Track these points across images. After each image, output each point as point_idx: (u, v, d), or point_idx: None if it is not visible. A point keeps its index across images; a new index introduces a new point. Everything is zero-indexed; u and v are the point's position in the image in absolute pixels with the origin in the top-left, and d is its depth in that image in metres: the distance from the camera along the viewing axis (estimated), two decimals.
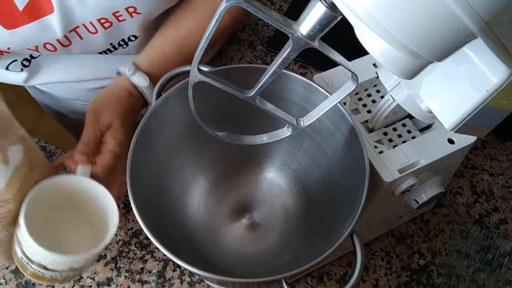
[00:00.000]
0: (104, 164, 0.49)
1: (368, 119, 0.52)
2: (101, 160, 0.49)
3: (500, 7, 0.25)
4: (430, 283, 0.60)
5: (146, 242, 0.62)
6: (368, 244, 0.63)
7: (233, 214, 0.58)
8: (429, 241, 0.63)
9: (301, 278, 0.60)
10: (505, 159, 0.70)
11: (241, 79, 0.43)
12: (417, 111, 0.47)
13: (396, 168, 0.47)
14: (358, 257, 0.43)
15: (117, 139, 0.51)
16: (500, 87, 0.33)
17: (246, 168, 0.60)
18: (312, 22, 0.32)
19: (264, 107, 0.41)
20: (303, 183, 0.58)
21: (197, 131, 0.46)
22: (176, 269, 0.61)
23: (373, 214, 0.53)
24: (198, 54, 0.37)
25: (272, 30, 0.82)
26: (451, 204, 0.66)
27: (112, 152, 0.50)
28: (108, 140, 0.50)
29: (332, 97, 0.41)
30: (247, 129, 0.47)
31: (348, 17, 0.30)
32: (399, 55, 0.29)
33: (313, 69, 0.78)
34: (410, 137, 0.51)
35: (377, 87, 0.55)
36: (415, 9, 0.26)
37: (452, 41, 0.27)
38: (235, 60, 0.79)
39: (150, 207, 0.46)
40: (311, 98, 0.51)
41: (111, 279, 0.60)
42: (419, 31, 0.27)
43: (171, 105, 0.50)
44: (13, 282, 0.59)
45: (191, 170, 0.57)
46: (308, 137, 0.54)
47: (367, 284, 0.60)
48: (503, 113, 0.40)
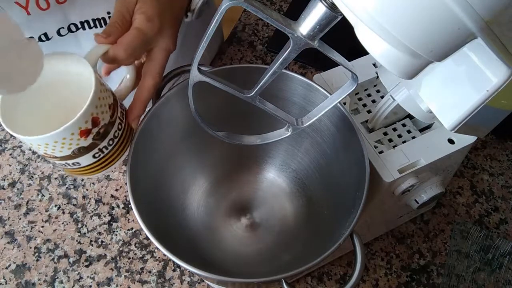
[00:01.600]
0: (125, 42, 0.40)
1: (368, 119, 0.52)
2: (123, 38, 0.41)
3: (500, 7, 0.25)
4: (430, 283, 0.60)
5: (146, 242, 0.62)
6: (368, 244, 0.63)
7: (233, 214, 0.58)
8: (429, 241, 0.63)
9: (301, 278, 0.60)
10: (505, 159, 0.70)
11: (241, 79, 0.43)
12: (417, 111, 0.47)
13: (396, 168, 0.47)
14: (358, 257, 0.43)
15: (145, 13, 0.42)
16: (500, 87, 0.33)
17: (246, 168, 0.60)
18: (312, 22, 0.32)
19: (264, 107, 0.41)
20: (303, 183, 0.58)
21: (197, 131, 0.46)
22: (176, 269, 0.61)
23: (373, 214, 0.53)
24: (198, 54, 0.37)
25: (272, 30, 0.82)
26: (451, 204, 0.66)
27: (137, 29, 0.41)
28: (136, 17, 0.42)
29: (332, 97, 0.41)
30: (247, 129, 0.47)
31: (348, 17, 0.30)
32: (399, 55, 0.29)
33: (313, 69, 0.78)
34: (410, 137, 0.51)
35: (377, 87, 0.55)
36: (415, 9, 0.26)
37: (452, 41, 0.27)
38: (235, 60, 0.79)
39: (150, 207, 0.46)
40: (311, 98, 0.51)
41: (111, 279, 0.60)
42: (419, 31, 0.27)
43: (171, 106, 0.50)
44: (13, 282, 0.59)
45: (191, 170, 0.57)
46: (308, 137, 0.54)
47: (367, 284, 0.60)
48: (503, 113, 0.40)
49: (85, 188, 0.67)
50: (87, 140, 0.40)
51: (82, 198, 0.66)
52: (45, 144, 0.38)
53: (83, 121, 0.38)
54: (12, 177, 0.68)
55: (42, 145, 0.38)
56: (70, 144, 0.39)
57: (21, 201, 0.65)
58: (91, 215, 0.64)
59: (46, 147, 0.38)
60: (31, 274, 0.60)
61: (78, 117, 0.37)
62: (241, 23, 0.83)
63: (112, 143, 0.42)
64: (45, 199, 0.66)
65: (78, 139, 0.39)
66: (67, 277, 0.60)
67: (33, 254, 0.61)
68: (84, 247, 0.62)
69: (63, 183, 0.67)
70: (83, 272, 0.60)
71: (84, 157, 0.41)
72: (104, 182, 0.67)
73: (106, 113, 0.40)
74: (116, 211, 0.65)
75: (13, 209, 0.65)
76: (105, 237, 0.63)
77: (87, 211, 0.65)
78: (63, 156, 0.40)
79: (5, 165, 0.69)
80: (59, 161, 0.41)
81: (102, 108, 0.40)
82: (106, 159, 0.43)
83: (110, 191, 0.66)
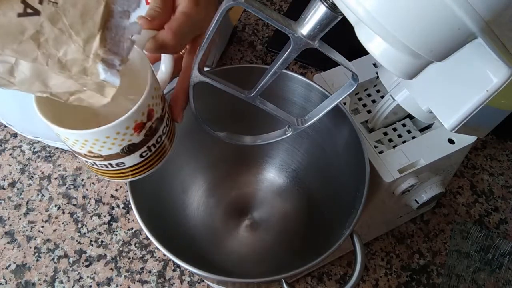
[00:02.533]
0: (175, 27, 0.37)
1: (368, 119, 0.52)
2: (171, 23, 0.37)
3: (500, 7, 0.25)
4: (430, 283, 0.60)
5: (146, 242, 0.62)
6: (368, 244, 0.63)
7: (233, 214, 0.58)
8: (429, 241, 0.63)
9: (301, 278, 0.60)
10: (505, 159, 0.70)
11: (241, 79, 0.43)
12: (417, 111, 0.47)
13: (396, 168, 0.47)
14: (358, 257, 0.43)
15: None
16: (500, 87, 0.33)
17: (246, 168, 0.60)
18: (312, 22, 0.32)
19: (264, 107, 0.41)
20: (303, 183, 0.58)
21: (197, 131, 0.46)
22: (176, 269, 0.61)
23: (373, 214, 0.53)
24: (198, 54, 0.37)
25: (272, 30, 0.82)
26: (451, 204, 0.66)
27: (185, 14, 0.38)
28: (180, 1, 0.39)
29: (333, 97, 0.41)
30: (247, 129, 0.47)
31: (349, 17, 0.30)
32: (399, 55, 0.29)
33: (313, 69, 0.78)
34: (410, 137, 0.51)
35: (377, 87, 0.55)
36: (415, 9, 0.26)
37: (452, 41, 0.27)
38: (235, 60, 0.79)
39: (150, 207, 0.46)
40: (311, 98, 0.51)
41: (111, 279, 0.60)
42: (419, 31, 0.27)
43: None
44: (13, 282, 0.59)
45: (191, 170, 0.57)
46: (308, 137, 0.54)
47: (367, 284, 0.60)
48: (503, 113, 0.40)
49: (85, 188, 0.67)
50: (140, 136, 0.34)
51: (82, 198, 0.66)
52: (94, 140, 0.32)
53: (140, 113, 0.33)
54: (12, 177, 0.68)
55: (89, 141, 0.32)
56: (122, 140, 0.33)
57: (21, 201, 0.65)
58: (91, 215, 0.64)
59: (94, 143, 0.33)
60: (31, 274, 0.60)
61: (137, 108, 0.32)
62: (241, 23, 0.83)
63: (160, 140, 0.37)
64: (45, 199, 0.66)
65: (132, 134, 0.33)
66: (67, 277, 0.60)
67: (33, 254, 0.61)
68: (84, 247, 0.62)
69: (63, 183, 0.67)
70: (83, 272, 0.60)
71: (132, 156, 0.35)
72: (104, 182, 0.67)
73: (159, 106, 0.35)
74: (116, 211, 0.65)
75: (13, 209, 0.65)
76: (105, 237, 0.63)
77: (87, 211, 0.65)
78: (110, 155, 0.34)
79: (5, 165, 0.69)
80: (102, 161, 0.35)
81: (156, 100, 0.35)
82: (152, 159, 0.37)
83: (110, 191, 0.66)
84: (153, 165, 0.38)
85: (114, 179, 0.38)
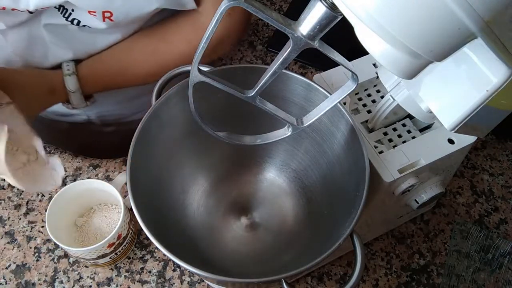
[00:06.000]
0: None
1: (368, 119, 0.52)
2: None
3: (500, 7, 0.25)
4: (430, 283, 0.60)
5: (146, 242, 0.62)
6: (368, 244, 0.63)
7: (233, 214, 0.58)
8: (429, 241, 0.63)
9: (301, 278, 0.60)
10: (505, 159, 0.70)
11: (241, 79, 0.43)
12: (417, 111, 0.47)
13: (396, 168, 0.47)
14: (358, 257, 0.43)
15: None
16: (500, 87, 0.33)
17: (246, 168, 0.60)
18: (312, 22, 0.32)
19: (264, 107, 0.41)
20: (303, 183, 0.58)
21: (197, 131, 0.46)
22: (176, 269, 0.61)
23: (373, 214, 0.53)
24: (198, 54, 0.37)
25: (272, 30, 0.82)
26: (451, 204, 0.66)
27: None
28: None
29: (332, 97, 0.41)
30: (247, 129, 0.47)
31: (348, 17, 0.30)
32: (399, 55, 0.29)
33: (313, 69, 0.78)
34: (410, 137, 0.51)
35: (377, 87, 0.55)
36: (415, 9, 0.26)
37: (452, 41, 0.27)
38: (235, 60, 0.79)
39: (150, 207, 0.46)
40: (311, 98, 0.51)
41: (111, 279, 0.60)
42: (419, 31, 0.27)
43: (171, 105, 0.50)
44: (13, 282, 0.59)
45: (191, 170, 0.57)
46: (308, 137, 0.54)
47: (367, 284, 0.60)
48: (503, 113, 0.40)
49: None
50: (110, 248, 0.56)
51: None
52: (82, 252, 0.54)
53: (112, 238, 0.54)
54: None
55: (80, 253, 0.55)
56: (98, 251, 0.55)
57: (21, 201, 0.65)
58: None
59: (82, 253, 0.55)
60: (31, 274, 0.60)
61: (109, 237, 0.54)
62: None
63: (123, 248, 0.59)
64: (45, 199, 0.66)
65: (105, 248, 0.55)
66: (67, 277, 0.60)
67: (33, 254, 0.61)
68: None
69: (63, 183, 0.67)
70: (83, 272, 0.60)
71: (103, 259, 0.57)
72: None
73: (125, 229, 0.57)
74: None
75: (13, 209, 0.65)
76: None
77: None
78: (89, 258, 0.56)
79: None
80: (84, 259, 0.57)
81: (125, 227, 0.57)
82: (116, 258, 0.59)
83: None
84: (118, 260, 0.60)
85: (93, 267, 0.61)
